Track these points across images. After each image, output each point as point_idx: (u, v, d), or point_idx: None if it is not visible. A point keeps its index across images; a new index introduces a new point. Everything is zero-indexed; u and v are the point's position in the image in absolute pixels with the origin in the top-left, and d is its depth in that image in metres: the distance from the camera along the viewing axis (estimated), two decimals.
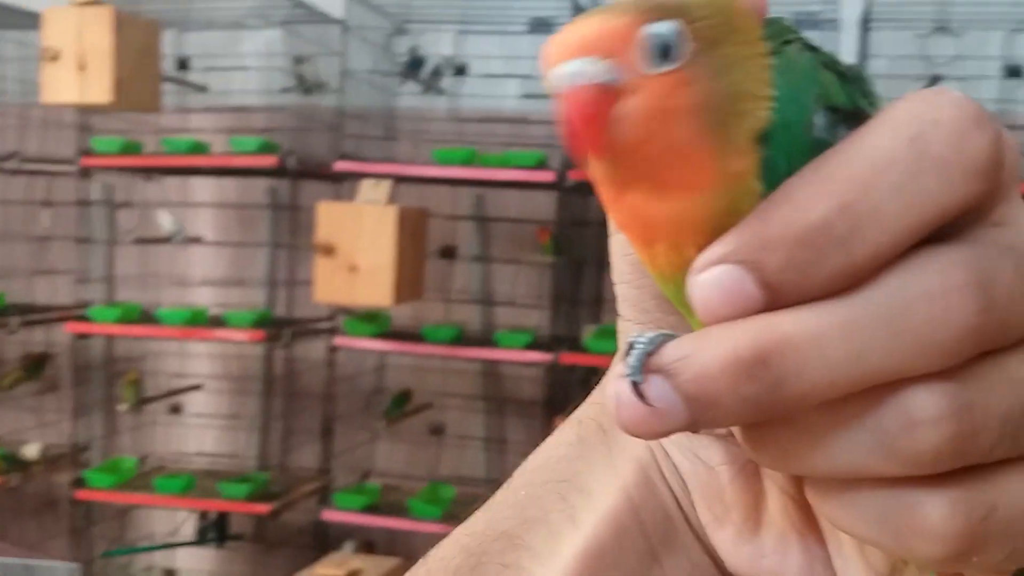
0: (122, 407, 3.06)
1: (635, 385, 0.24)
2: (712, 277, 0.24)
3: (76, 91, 2.58)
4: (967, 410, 0.23)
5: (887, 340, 0.23)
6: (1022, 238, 0.25)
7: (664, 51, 0.24)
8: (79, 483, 2.97)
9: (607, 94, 0.24)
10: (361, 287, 2.59)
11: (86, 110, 2.87)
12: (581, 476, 0.34)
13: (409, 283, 2.71)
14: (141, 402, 3.09)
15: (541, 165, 2.72)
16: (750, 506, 0.31)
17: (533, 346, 2.79)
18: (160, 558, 3.42)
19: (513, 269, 3.14)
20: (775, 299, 0.23)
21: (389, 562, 2.90)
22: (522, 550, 0.34)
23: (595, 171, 0.26)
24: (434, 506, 2.87)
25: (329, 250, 2.54)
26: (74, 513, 3.17)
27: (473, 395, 3.21)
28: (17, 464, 3.03)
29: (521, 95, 2.95)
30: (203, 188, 3.26)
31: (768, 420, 0.24)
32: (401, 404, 3.08)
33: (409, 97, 3.10)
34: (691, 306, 0.25)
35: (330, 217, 2.59)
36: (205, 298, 3.16)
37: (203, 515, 3.17)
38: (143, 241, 3.18)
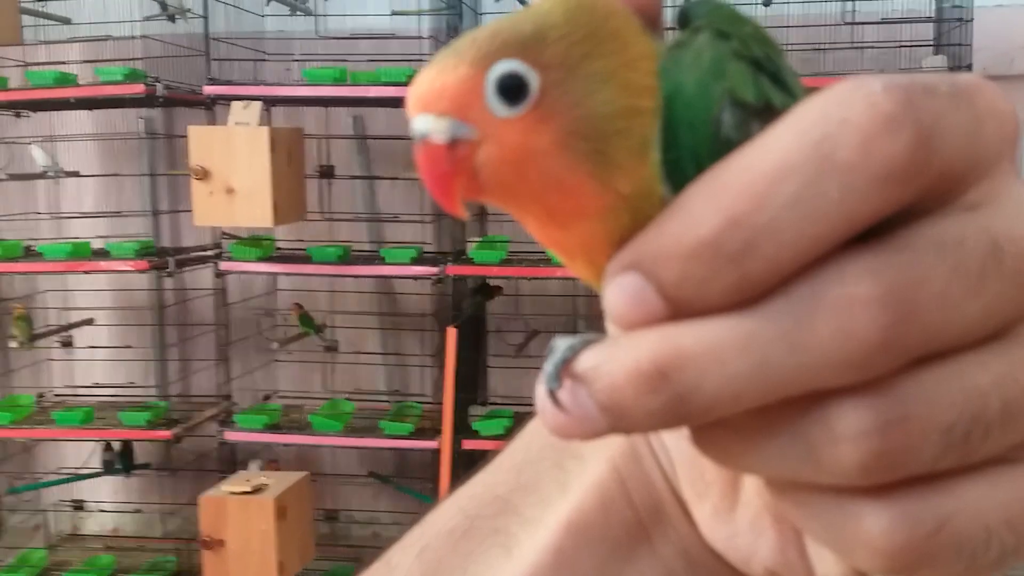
0: (14, 344, 3.06)
1: (552, 392, 0.24)
2: (617, 284, 0.23)
3: None
4: (896, 424, 0.22)
5: (788, 355, 0.22)
6: (1001, 219, 0.22)
7: (511, 93, 0.23)
8: None
9: (460, 148, 0.24)
10: (240, 209, 2.62)
11: None
12: (576, 444, 0.34)
13: (289, 203, 2.75)
14: (33, 338, 3.09)
15: (412, 81, 2.75)
16: (728, 484, 0.30)
17: (420, 260, 2.86)
18: (69, 491, 3.46)
19: (395, 186, 3.20)
20: (678, 310, 0.23)
21: (294, 476, 2.98)
22: (513, 515, 0.34)
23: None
24: (335, 420, 2.96)
25: (204, 174, 2.56)
26: None
27: (365, 311, 3.29)
28: None
29: (389, 12, 2.97)
30: (76, 121, 3.22)
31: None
32: (309, 323, 3.15)
33: (276, 19, 3.09)
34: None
35: (202, 141, 2.61)
36: (86, 232, 3.16)
37: (108, 447, 3.21)
38: (17, 177, 3.14)
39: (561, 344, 0.24)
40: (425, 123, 0.24)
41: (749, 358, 0.22)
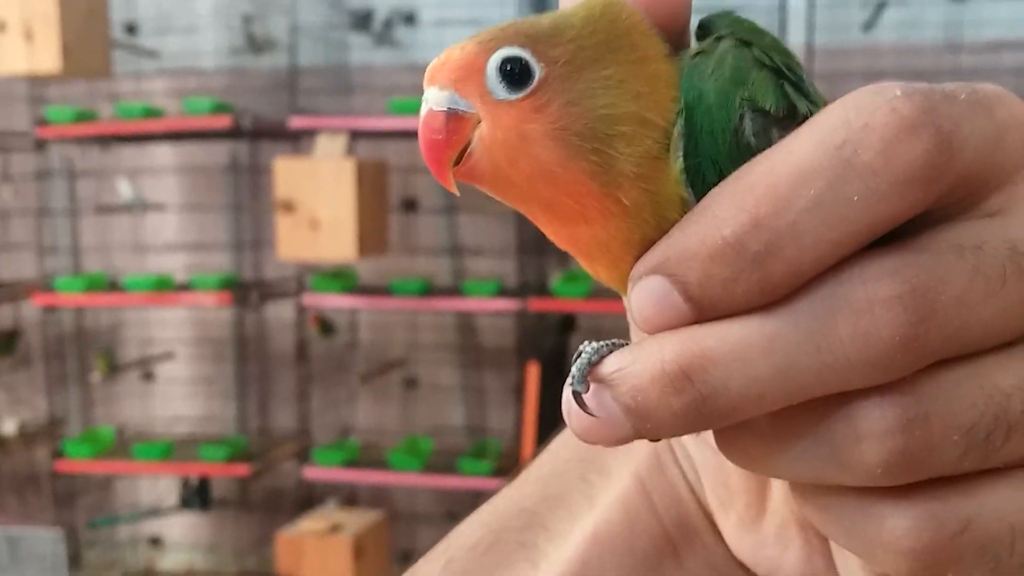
0: (95, 378, 3.06)
1: (577, 395, 0.24)
2: (643, 287, 0.23)
3: (24, 61, 2.56)
4: (919, 423, 0.22)
5: (812, 355, 0.22)
6: (1021, 226, 0.23)
7: (513, 78, 0.24)
8: (58, 455, 2.98)
9: (456, 122, 0.24)
10: (324, 242, 2.59)
11: (38, 81, 2.85)
12: (601, 456, 0.34)
13: (372, 237, 2.72)
14: (113, 371, 3.09)
15: None
16: (754, 493, 0.30)
17: (502, 294, 2.81)
18: (145, 527, 3.44)
19: (477, 219, 3.15)
20: (702, 312, 0.23)
21: (371, 515, 2.93)
22: (539, 529, 0.34)
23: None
24: (414, 458, 2.89)
25: (289, 207, 2.54)
26: (56, 485, 3.19)
27: (445, 346, 3.23)
28: None
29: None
30: (162, 154, 3.24)
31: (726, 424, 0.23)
32: (326, 329, 3.11)
33: (362, 51, 3.08)
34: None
35: (287, 173, 2.59)
36: (170, 264, 3.16)
37: (185, 482, 3.19)
38: (103, 210, 3.16)
39: (588, 348, 0.24)
40: (430, 93, 0.25)
41: (772, 358, 0.22)
